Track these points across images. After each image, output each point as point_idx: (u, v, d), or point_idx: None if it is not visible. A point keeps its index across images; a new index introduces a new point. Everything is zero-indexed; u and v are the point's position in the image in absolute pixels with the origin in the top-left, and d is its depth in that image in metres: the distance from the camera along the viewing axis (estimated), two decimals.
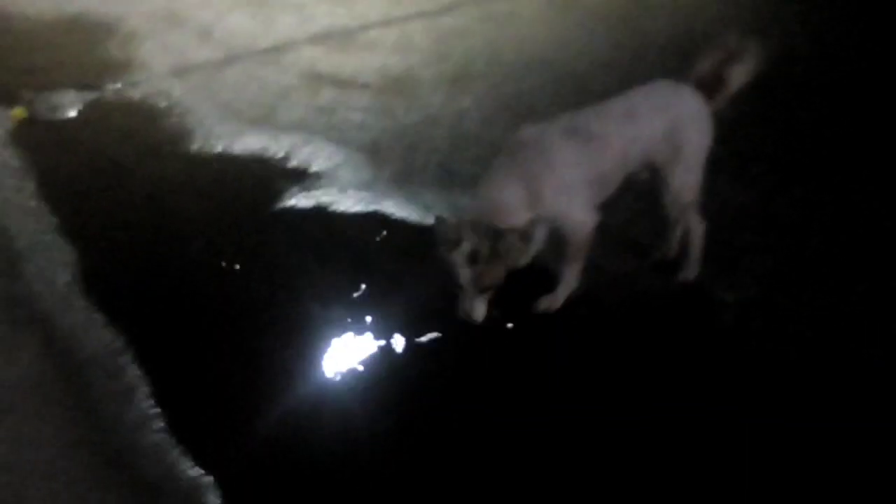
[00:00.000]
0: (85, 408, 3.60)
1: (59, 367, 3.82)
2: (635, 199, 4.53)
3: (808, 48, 6.31)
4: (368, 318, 4.03)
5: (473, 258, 3.40)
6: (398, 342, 3.89)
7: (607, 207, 4.24)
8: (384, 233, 4.63)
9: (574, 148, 3.60)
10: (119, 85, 6.58)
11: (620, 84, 3.92)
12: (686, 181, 3.81)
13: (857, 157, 4.98)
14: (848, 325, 3.79)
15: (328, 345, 3.91)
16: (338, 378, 3.74)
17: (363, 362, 3.81)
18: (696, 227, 3.99)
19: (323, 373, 3.76)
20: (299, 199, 4.95)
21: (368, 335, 3.94)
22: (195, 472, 3.28)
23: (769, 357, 3.67)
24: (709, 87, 3.78)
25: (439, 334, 3.92)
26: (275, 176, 5.23)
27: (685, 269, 4.10)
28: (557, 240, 3.94)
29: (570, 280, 3.94)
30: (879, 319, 3.81)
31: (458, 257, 3.41)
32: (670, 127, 3.69)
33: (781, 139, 5.20)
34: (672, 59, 6.14)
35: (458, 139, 5.49)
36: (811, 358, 3.64)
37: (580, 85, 5.92)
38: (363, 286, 4.24)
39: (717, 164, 3.86)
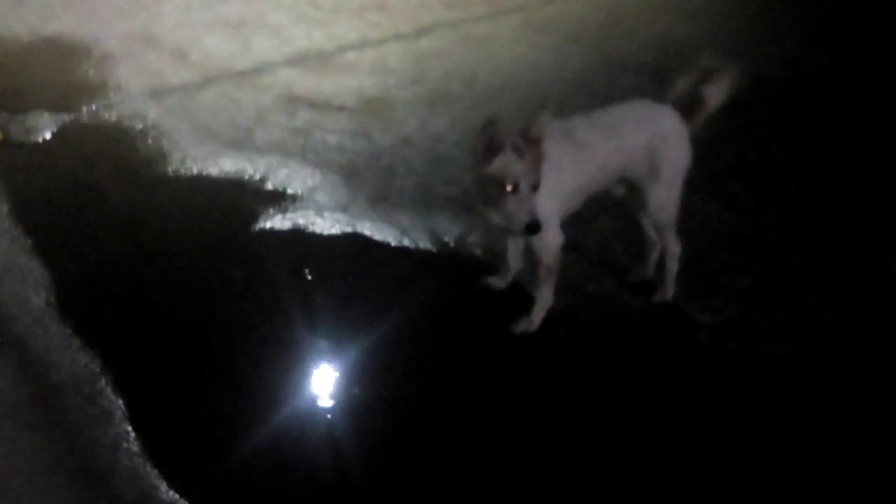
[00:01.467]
0: (61, 431, 3.56)
1: (35, 391, 3.79)
2: (612, 221, 4.57)
3: (781, 69, 6.38)
4: (346, 340, 4.02)
5: (520, 151, 3.38)
6: (377, 363, 3.88)
7: (584, 228, 4.28)
8: (361, 254, 4.63)
9: (567, 151, 3.65)
10: (94, 107, 6.55)
11: (595, 105, 3.95)
12: (664, 200, 3.84)
13: (832, 178, 5.03)
14: (823, 345, 3.82)
15: (306, 367, 3.90)
16: (316, 401, 3.73)
17: (341, 384, 3.80)
18: (673, 248, 4.01)
19: (301, 395, 3.75)
20: (276, 221, 4.94)
21: (346, 357, 3.93)
22: (172, 495, 3.25)
23: (744, 376, 3.69)
24: (687, 107, 3.82)
25: (419, 356, 3.93)
26: (251, 198, 5.22)
27: (662, 289, 4.12)
28: (531, 261, 3.96)
29: (545, 300, 3.96)
30: (855, 339, 3.84)
31: (508, 154, 3.38)
32: (650, 144, 3.73)
33: (758, 160, 5.24)
34: (645, 81, 6.20)
35: (434, 161, 5.51)
36: (786, 377, 3.67)
37: (556, 106, 5.94)
38: (340, 308, 4.23)
39: (694, 185, 3.89)
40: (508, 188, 3.40)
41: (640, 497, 3.20)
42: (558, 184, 3.66)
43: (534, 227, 3.43)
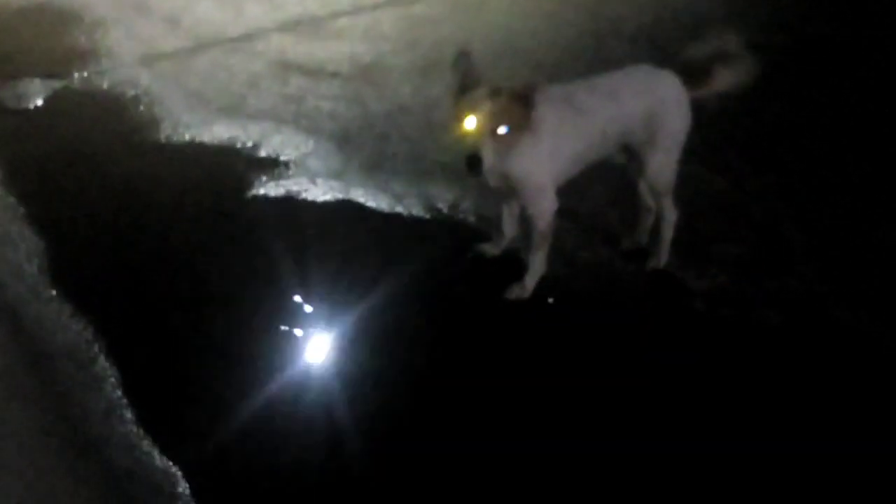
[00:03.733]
0: (54, 398, 3.58)
1: (28, 358, 3.80)
2: (606, 188, 4.56)
3: (779, 37, 6.35)
4: (339, 308, 4.01)
5: (495, 94, 3.38)
6: (370, 331, 3.88)
7: (578, 195, 4.26)
8: (354, 222, 4.62)
9: (566, 117, 3.64)
10: (86, 74, 6.52)
11: (590, 72, 3.93)
12: (662, 166, 3.83)
13: (826, 147, 5.02)
14: (814, 313, 3.82)
15: (299, 336, 3.89)
16: (309, 369, 3.74)
17: (334, 353, 3.80)
18: (670, 215, 4.00)
19: (294, 365, 3.75)
20: (269, 188, 4.93)
21: (339, 325, 3.93)
22: (165, 461, 3.27)
23: (737, 343, 3.70)
24: (693, 76, 3.79)
25: (412, 323, 3.93)
26: (244, 165, 5.20)
27: (656, 256, 4.11)
28: (525, 228, 3.96)
29: (537, 267, 3.96)
30: (846, 307, 3.84)
31: (481, 92, 3.39)
32: (650, 110, 3.71)
33: (753, 128, 5.22)
34: (641, 47, 6.17)
35: (428, 127, 5.48)
36: (778, 344, 3.68)
37: (550, 73, 5.91)
38: (334, 275, 4.22)
39: (689, 152, 3.87)
40: (469, 125, 3.38)
41: (633, 467, 3.21)
42: (557, 149, 3.67)
43: (474, 164, 3.38)
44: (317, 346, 3.84)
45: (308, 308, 4.03)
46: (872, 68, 5.94)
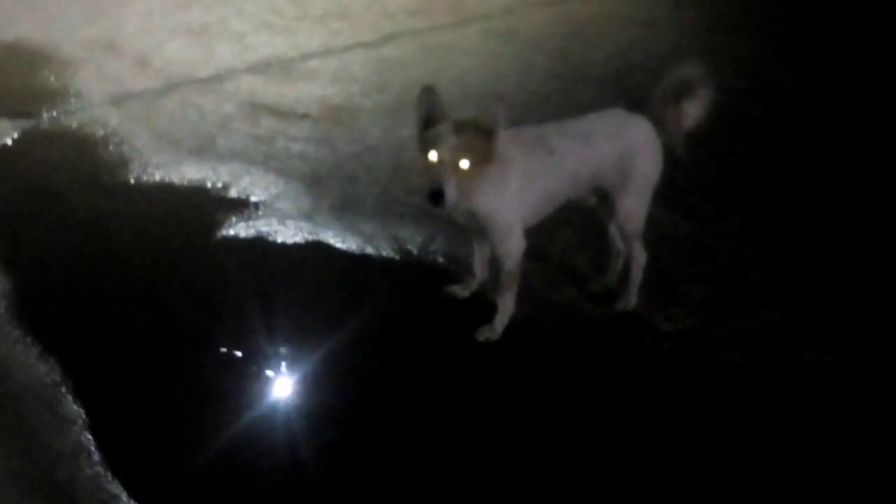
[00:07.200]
0: (20, 440, 3.53)
1: None
2: (574, 231, 4.60)
3: (740, 81, 6.45)
4: (308, 348, 4.01)
5: (459, 128, 3.45)
6: (338, 372, 3.88)
7: (547, 237, 4.30)
8: (324, 263, 4.63)
9: (538, 158, 3.70)
10: (55, 113, 6.51)
11: (559, 114, 3.98)
12: (633, 209, 3.88)
13: (789, 189, 5.09)
14: (780, 354, 3.86)
15: (268, 375, 3.89)
16: (278, 409, 3.72)
17: (303, 393, 3.79)
18: (639, 258, 4.04)
19: (263, 406, 3.74)
20: (239, 230, 4.93)
21: (308, 365, 3.92)
22: None
23: (704, 384, 3.73)
24: (664, 118, 3.84)
25: (381, 365, 3.93)
26: (214, 206, 5.20)
27: (624, 298, 4.15)
28: (495, 270, 3.98)
29: (506, 308, 3.97)
30: (810, 348, 3.88)
31: (445, 127, 3.47)
32: (622, 153, 3.77)
33: (717, 171, 5.30)
34: (607, 91, 6.25)
35: (397, 169, 5.52)
36: (745, 386, 3.71)
37: (518, 116, 5.96)
38: (303, 316, 4.22)
39: (655, 195, 3.92)
40: (433, 158, 3.46)
41: None
42: (527, 189, 3.71)
43: (437, 198, 3.43)
44: (286, 388, 3.83)
45: (277, 349, 4.02)
46: (834, 110, 6.06)
